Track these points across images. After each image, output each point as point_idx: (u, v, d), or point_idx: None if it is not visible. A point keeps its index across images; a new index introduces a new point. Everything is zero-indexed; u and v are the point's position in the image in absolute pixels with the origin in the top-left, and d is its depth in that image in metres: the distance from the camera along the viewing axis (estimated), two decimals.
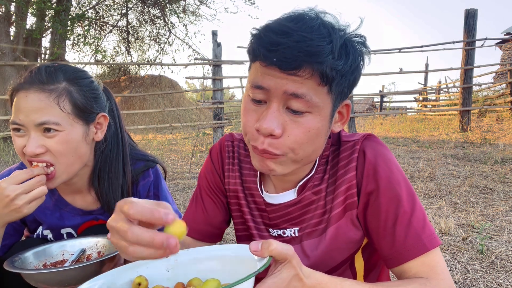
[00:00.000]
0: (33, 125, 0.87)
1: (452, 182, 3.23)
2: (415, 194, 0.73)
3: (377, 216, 0.72)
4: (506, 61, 16.15)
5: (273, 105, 0.64)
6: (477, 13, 6.91)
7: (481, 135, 6.21)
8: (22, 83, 0.90)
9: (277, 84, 0.63)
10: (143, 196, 1.09)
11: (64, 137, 0.90)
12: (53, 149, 0.89)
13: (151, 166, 1.10)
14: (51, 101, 0.89)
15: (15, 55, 6.85)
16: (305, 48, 0.60)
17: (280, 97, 0.64)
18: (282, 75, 0.62)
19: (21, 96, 0.89)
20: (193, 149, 5.13)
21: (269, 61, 0.62)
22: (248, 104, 0.69)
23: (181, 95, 15.13)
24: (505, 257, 1.77)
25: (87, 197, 1.06)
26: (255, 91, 0.66)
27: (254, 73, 0.66)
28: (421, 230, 0.69)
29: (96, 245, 0.93)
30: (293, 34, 0.60)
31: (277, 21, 0.65)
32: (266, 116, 0.64)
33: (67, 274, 0.71)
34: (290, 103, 0.64)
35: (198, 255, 0.67)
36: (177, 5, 11.84)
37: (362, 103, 18.94)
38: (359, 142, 0.76)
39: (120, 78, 15.10)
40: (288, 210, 0.80)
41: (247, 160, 0.88)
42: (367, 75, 7.99)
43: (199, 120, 12.56)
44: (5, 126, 6.08)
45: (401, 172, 0.74)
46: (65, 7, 7.77)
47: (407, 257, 0.68)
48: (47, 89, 0.89)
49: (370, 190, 0.72)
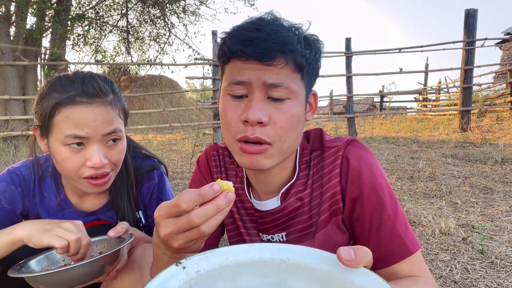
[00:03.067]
0: (100, 136, 0.89)
1: (452, 182, 3.23)
2: (396, 198, 0.75)
3: (362, 221, 0.74)
4: (506, 61, 16.15)
5: (255, 96, 0.68)
6: (477, 13, 6.91)
7: (481, 135, 6.21)
8: (76, 97, 0.87)
9: (257, 76, 0.67)
10: (147, 198, 1.10)
11: (122, 146, 0.96)
12: (114, 159, 0.94)
13: (157, 167, 1.12)
14: (115, 111, 0.93)
15: (15, 55, 6.84)
16: (278, 39, 0.65)
17: (261, 88, 0.67)
18: (260, 66, 0.66)
19: (84, 110, 0.87)
20: (193, 149, 5.13)
21: (247, 55, 0.66)
22: (228, 102, 0.71)
23: (181, 95, 15.14)
24: (505, 257, 1.77)
25: (95, 199, 1.07)
26: (235, 87, 0.69)
27: (231, 72, 0.70)
28: (404, 234, 0.71)
29: (97, 246, 0.93)
30: (264, 29, 0.66)
31: (244, 23, 0.70)
32: (251, 106, 0.67)
33: (72, 272, 0.71)
34: (270, 92, 0.68)
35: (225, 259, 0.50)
36: (177, 5, 11.83)
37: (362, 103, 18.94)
38: (342, 148, 0.77)
39: (120, 78, 15.11)
40: (274, 217, 0.81)
41: (232, 167, 0.90)
42: (367, 75, 8.00)
43: (199, 120, 12.57)
44: (6, 126, 6.09)
45: (384, 177, 0.75)
46: (65, 7, 7.77)
47: (392, 260, 0.71)
48: (108, 101, 0.92)
49: (355, 196, 0.74)
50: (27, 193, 1.03)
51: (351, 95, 7.42)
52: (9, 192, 1.00)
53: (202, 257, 0.51)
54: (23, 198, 1.02)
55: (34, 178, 1.03)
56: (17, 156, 4.83)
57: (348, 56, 7.36)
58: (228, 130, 0.71)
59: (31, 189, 1.03)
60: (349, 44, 7.36)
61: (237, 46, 0.66)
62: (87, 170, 0.90)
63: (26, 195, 1.03)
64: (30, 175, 1.03)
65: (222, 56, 0.71)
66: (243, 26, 0.68)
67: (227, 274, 0.50)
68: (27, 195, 1.03)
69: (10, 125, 6.07)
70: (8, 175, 1.01)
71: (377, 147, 5.75)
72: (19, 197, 1.01)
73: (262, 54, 0.65)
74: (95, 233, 0.98)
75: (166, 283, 0.47)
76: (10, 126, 6.05)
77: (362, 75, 8.08)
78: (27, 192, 1.03)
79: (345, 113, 7.43)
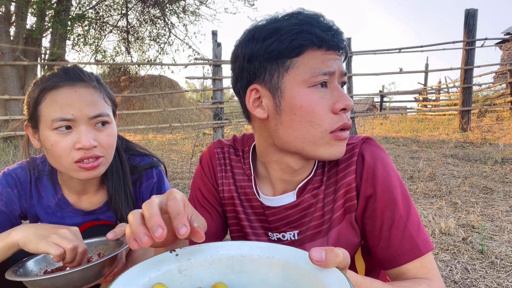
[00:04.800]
0: (86, 118, 0.89)
1: (452, 182, 3.23)
2: (410, 198, 0.74)
3: (374, 220, 0.73)
4: (506, 61, 16.15)
5: (336, 85, 0.70)
6: (477, 13, 6.91)
7: (481, 135, 6.21)
8: (59, 81, 0.89)
9: (338, 66, 0.69)
10: (146, 197, 1.09)
11: (111, 130, 0.95)
12: (104, 142, 0.92)
13: (155, 165, 1.11)
14: (99, 95, 0.94)
15: (15, 55, 6.84)
16: (339, 29, 0.69)
17: (339, 77, 0.70)
18: (338, 56, 0.69)
19: (68, 92, 0.89)
20: (193, 149, 5.13)
21: (329, 44, 0.67)
22: (313, 95, 0.68)
23: (181, 95, 15.14)
24: (505, 257, 1.77)
25: (92, 198, 1.06)
26: (319, 78, 0.68)
27: (312, 64, 0.67)
28: (416, 234, 0.70)
29: (96, 247, 0.92)
30: (328, 21, 0.70)
31: (302, 14, 0.70)
32: (344, 94, 0.69)
33: (69, 277, 0.71)
34: (340, 81, 0.71)
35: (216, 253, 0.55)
36: (177, 5, 11.84)
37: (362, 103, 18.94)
38: (358, 145, 0.76)
39: (120, 78, 15.12)
40: (287, 213, 0.79)
41: (238, 165, 0.86)
42: (367, 75, 7.99)
43: (199, 120, 12.57)
44: (6, 126, 6.09)
45: (398, 176, 0.74)
46: (65, 7, 7.77)
47: (402, 261, 0.70)
48: (92, 85, 0.93)
49: (369, 194, 0.73)
50: (23, 195, 1.02)
51: (351, 95, 7.43)
52: (5, 194, 0.99)
53: (196, 248, 0.55)
54: (20, 199, 1.02)
55: (30, 179, 1.03)
56: (17, 156, 4.83)
57: (348, 56, 7.36)
58: (318, 124, 0.68)
59: (27, 190, 1.03)
60: (349, 44, 7.36)
61: (325, 34, 0.66)
62: (77, 154, 0.88)
63: (22, 196, 1.02)
64: (26, 176, 1.03)
65: (297, 47, 0.67)
66: (310, 17, 0.68)
67: (216, 266, 0.54)
68: (24, 197, 1.02)
69: (10, 125, 6.07)
70: (4, 178, 1.01)
71: None
72: (16, 199, 1.01)
73: (341, 44, 0.68)
74: (94, 233, 0.97)
75: (158, 264, 0.52)
76: (10, 126, 6.05)
77: (362, 75, 8.08)
78: (23, 193, 1.02)
79: None
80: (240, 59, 0.73)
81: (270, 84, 0.70)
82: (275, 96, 0.70)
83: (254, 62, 0.70)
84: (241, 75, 0.74)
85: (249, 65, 0.71)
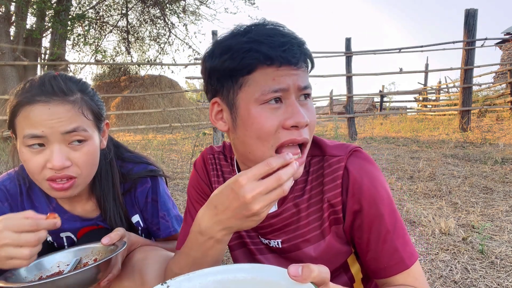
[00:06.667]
0: (59, 135, 0.84)
1: (452, 182, 3.23)
2: (397, 211, 0.75)
3: (361, 233, 0.75)
4: (506, 61, 16.16)
5: (293, 100, 0.68)
6: (477, 13, 6.91)
7: (481, 135, 6.21)
8: (34, 96, 0.84)
9: (293, 81, 0.68)
10: (142, 202, 1.08)
11: (89, 147, 0.89)
12: (79, 161, 0.87)
13: (149, 175, 1.07)
14: (76, 110, 0.87)
15: (15, 55, 6.85)
16: (298, 41, 0.68)
17: (296, 92, 0.69)
18: (294, 71, 0.67)
19: (40, 109, 0.83)
20: (193, 149, 5.13)
21: (280, 61, 0.66)
22: (264, 111, 0.68)
23: (181, 95, 15.13)
24: (505, 257, 1.77)
25: (86, 205, 1.04)
26: (271, 95, 0.67)
27: (262, 81, 0.67)
28: (402, 248, 0.72)
29: (92, 252, 0.91)
30: (284, 34, 0.68)
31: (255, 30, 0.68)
32: (299, 111, 0.67)
33: (64, 282, 0.71)
34: (300, 94, 0.70)
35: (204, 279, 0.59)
36: (177, 5, 11.84)
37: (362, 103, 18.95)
38: (344, 159, 0.75)
39: (120, 78, 15.11)
40: (271, 222, 0.81)
41: (228, 170, 0.89)
42: (367, 75, 8.00)
43: (199, 120, 12.56)
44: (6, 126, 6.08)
45: (386, 189, 0.75)
46: (65, 7, 7.77)
47: (389, 273, 0.72)
48: (70, 100, 0.87)
49: (356, 209, 0.74)
50: (15, 206, 0.99)
51: (351, 95, 7.42)
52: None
53: (185, 278, 0.59)
54: (11, 212, 0.97)
55: (20, 190, 1.00)
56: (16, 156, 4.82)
57: (348, 56, 7.35)
58: (266, 141, 0.68)
59: (18, 201, 1.00)
60: (349, 44, 7.35)
61: (274, 52, 0.65)
62: (48, 172, 0.85)
63: (14, 209, 0.99)
64: (16, 188, 1.00)
65: (247, 66, 0.67)
66: (261, 33, 0.67)
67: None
68: (15, 209, 0.99)
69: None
70: None
71: (377, 147, 5.75)
72: (7, 211, 0.97)
73: (295, 59, 0.67)
74: (93, 237, 0.96)
75: None
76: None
77: (362, 75, 8.08)
78: (14, 205, 0.99)
79: (345, 113, 7.43)
80: (204, 72, 0.75)
81: (227, 99, 0.72)
82: (231, 111, 0.72)
83: (214, 77, 0.72)
84: (206, 87, 0.77)
85: (210, 79, 0.74)
